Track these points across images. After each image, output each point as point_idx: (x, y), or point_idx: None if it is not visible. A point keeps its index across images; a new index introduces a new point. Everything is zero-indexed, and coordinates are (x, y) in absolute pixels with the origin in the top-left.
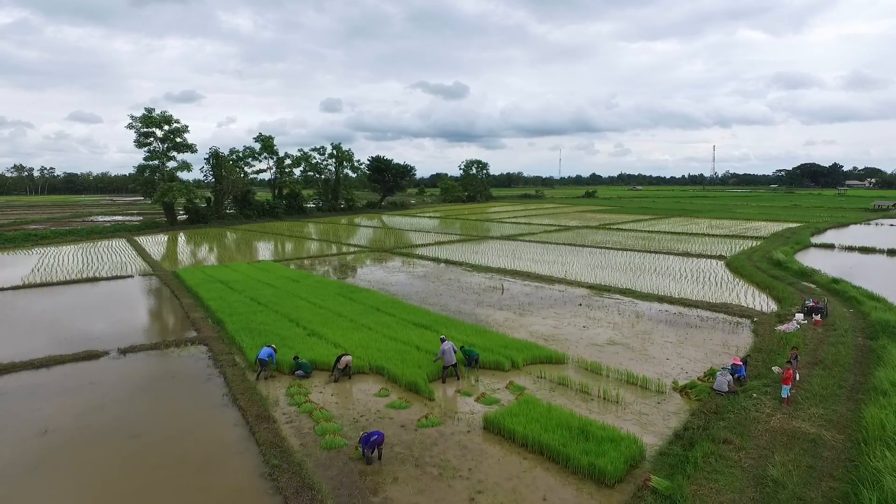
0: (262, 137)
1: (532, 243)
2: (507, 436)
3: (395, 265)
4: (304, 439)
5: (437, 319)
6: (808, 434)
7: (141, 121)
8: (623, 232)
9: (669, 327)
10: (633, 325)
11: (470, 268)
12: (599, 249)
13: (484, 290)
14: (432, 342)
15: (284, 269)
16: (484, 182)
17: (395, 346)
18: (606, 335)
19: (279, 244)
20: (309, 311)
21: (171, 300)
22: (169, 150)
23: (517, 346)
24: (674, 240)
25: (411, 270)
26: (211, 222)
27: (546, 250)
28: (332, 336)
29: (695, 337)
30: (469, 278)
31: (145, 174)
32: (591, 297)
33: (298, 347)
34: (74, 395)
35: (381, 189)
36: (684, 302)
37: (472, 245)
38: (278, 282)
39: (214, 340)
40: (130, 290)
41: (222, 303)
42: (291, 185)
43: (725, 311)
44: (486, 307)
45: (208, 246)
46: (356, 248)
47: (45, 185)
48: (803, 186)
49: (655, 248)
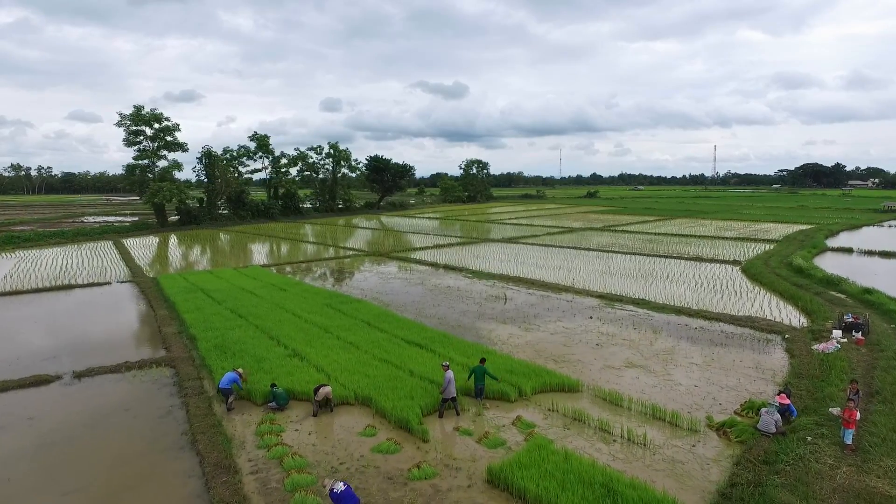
0: (258, 136)
1: (535, 246)
2: (517, 494)
3: (391, 271)
4: (269, 497)
5: (433, 336)
6: (889, 498)
7: (130, 118)
8: (628, 234)
9: (692, 345)
10: (652, 342)
11: (470, 274)
12: (606, 253)
13: (486, 300)
14: (428, 366)
15: (273, 275)
16: (484, 182)
17: (385, 371)
18: (623, 355)
19: (271, 247)
20: (293, 326)
21: (146, 311)
22: (159, 148)
23: (524, 371)
24: (682, 243)
25: (408, 276)
26: (203, 223)
27: (550, 254)
28: (315, 357)
29: (722, 357)
30: (470, 286)
31: (135, 174)
32: (602, 308)
33: (276, 373)
34: (4, 436)
35: (379, 189)
36: (704, 314)
37: (473, 248)
38: (264, 290)
39: (183, 362)
40: (104, 299)
41: (199, 315)
42: (287, 185)
43: (751, 326)
44: (489, 320)
45: (196, 249)
46: (352, 252)
47: (42, 185)
48: (805, 186)
49: (664, 251)
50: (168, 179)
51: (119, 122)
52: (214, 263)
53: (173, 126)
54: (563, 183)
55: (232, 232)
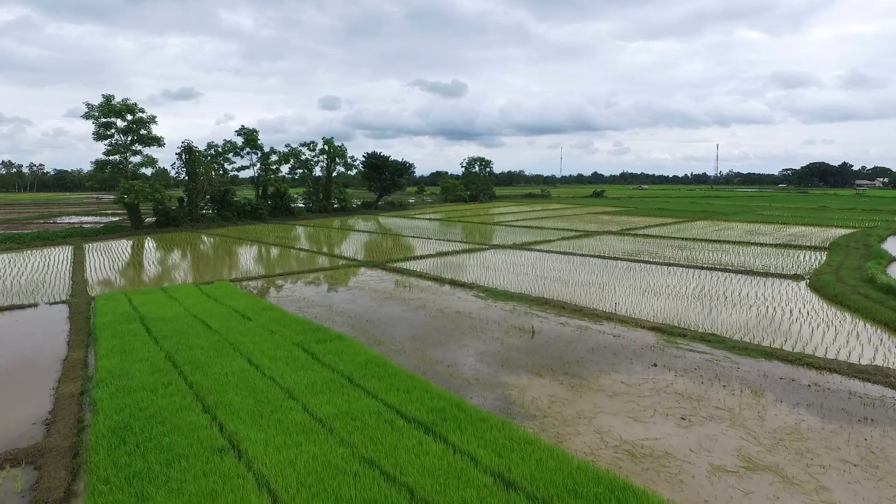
0: (245, 131)
1: (553, 254)
2: None
3: (387, 287)
4: None
5: (443, 409)
6: None
7: (99, 109)
8: (651, 238)
9: (824, 421)
10: (761, 414)
11: (483, 292)
12: (636, 264)
13: (507, 333)
14: (439, 477)
15: (241, 294)
16: (487, 181)
17: (370, 491)
18: (730, 443)
19: (250, 254)
20: (243, 386)
21: (53, 354)
22: (133, 143)
23: (593, 489)
24: (717, 250)
25: (407, 296)
26: (183, 225)
27: (572, 264)
28: (262, 453)
29: (886, 449)
30: (484, 310)
31: (106, 171)
32: (665, 348)
33: (189, 490)
34: None
35: (377, 188)
36: (809, 361)
37: (482, 256)
38: (222, 320)
39: (56, 457)
40: (12, 331)
41: (120, 363)
42: (277, 183)
43: (888, 384)
44: (517, 369)
45: (164, 257)
46: (343, 262)
47: (34, 183)
48: (811, 186)
49: (703, 261)
50: (142, 177)
51: (87, 114)
52: (177, 277)
53: (148, 118)
54: (564, 182)
55: (213, 235)
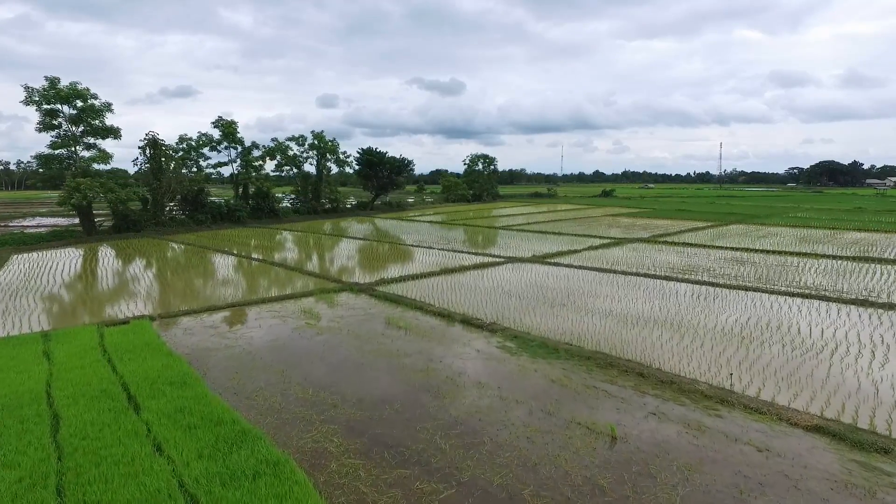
0: (223, 123)
1: (585, 271)
2: None
3: (375, 331)
4: None
5: None
6: None
7: (41, 94)
8: (692, 248)
9: None
10: None
11: (512, 341)
12: (701, 287)
13: (568, 439)
14: None
15: (156, 349)
16: (491, 179)
17: None
18: None
19: (209, 270)
20: None
21: None
22: (84, 135)
23: None
24: (784, 265)
25: (400, 346)
26: (146, 230)
27: (618, 288)
28: None
29: None
30: (519, 380)
31: (53, 167)
32: (853, 472)
33: None
34: None
35: (373, 186)
36: None
37: (497, 275)
38: (91, 409)
39: None
40: None
41: None
42: (259, 181)
43: None
44: None
45: (90, 276)
46: (323, 283)
47: (23, 180)
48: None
49: (785, 283)
50: (92, 174)
51: (27, 100)
52: (84, 311)
53: (102, 105)
54: (566, 180)
55: (178, 242)
